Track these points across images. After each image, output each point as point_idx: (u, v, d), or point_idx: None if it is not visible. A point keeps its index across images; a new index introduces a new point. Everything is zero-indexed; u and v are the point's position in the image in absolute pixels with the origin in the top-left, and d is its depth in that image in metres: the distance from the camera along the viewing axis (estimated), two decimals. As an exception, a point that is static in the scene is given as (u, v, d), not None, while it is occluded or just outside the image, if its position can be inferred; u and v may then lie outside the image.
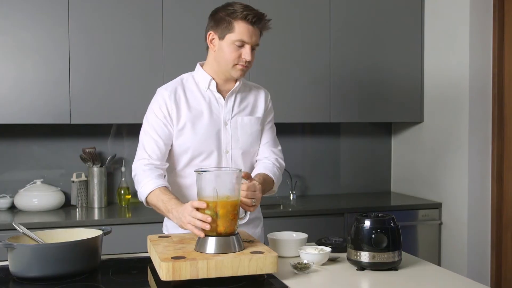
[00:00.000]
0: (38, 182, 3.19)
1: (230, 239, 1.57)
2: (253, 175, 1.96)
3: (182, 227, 1.69)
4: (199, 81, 2.03)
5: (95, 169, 3.25)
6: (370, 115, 3.59)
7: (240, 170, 1.65)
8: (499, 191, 3.24)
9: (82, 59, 3.08)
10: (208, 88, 2.01)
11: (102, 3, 3.09)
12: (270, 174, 2.01)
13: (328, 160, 3.86)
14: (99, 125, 3.41)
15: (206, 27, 2.02)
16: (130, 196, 3.35)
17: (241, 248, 1.58)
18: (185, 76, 2.07)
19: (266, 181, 1.97)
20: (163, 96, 1.99)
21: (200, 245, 1.57)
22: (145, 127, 2.01)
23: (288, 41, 3.38)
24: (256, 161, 2.12)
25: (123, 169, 3.38)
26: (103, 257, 1.78)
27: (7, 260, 1.64)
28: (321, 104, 3.45)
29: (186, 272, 1.42)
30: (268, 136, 2.13)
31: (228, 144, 2.02)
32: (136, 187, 1.96)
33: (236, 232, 1.61)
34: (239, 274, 1.46)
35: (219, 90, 2.02)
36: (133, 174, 1.99)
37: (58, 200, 3.18)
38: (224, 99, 2.02)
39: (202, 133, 1.98)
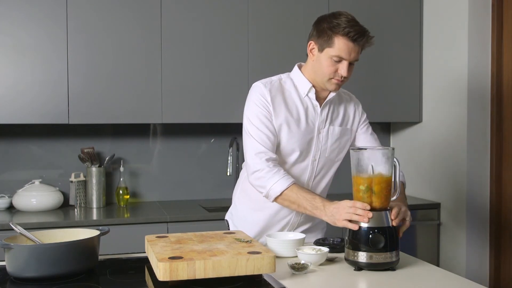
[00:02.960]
0: (37, 182, 3.19)
1: (383, 214, 1.71)
2: None
3: (334, 223, 1.79)
4: (298, 85, 2.02)
5: (94, 169, 3.25)
6: (369, 115, 3.53)
7: (393, 149, 1.73)
8: (497, 191, 3.24)
9: (81, 59, 3.08)
10: (307, 94, 2.01)
11: (100, 3, 3.09)
12: (402, 179, 2.08)
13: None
14: (98, 125, 3.41)
15: (309, 34, 2.01)
16: (128, 196, 3.35)
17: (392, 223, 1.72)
18: (283, 77, 2.06)
19: (403, 192, 2.02)
20: (261, 89, 1.98)
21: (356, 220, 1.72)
22: (252, 120, 1.97)
23: (287, 41, 3.37)
24: None
25: (121, 169, 3.38)
26: (100, 257, 1.78)
27: (4, 260, 1.64)
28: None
29: (183, 272, 1.42)
30: (373, 141, 2.18)
31: (317, 152, 2.05)
32: (258, 183, 1.93)
33: (388, 208, 1.74)
34: (236, 274, 1.46)
35: (316, 98, 2.03)
36: (253, 169, 1.94)
37: (57, 200, 3.18)
38: (320, 107, 2.03)
39: (297, 137, 1.99)
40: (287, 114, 1.98)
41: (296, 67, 2.07)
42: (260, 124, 1.95)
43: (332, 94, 2.02)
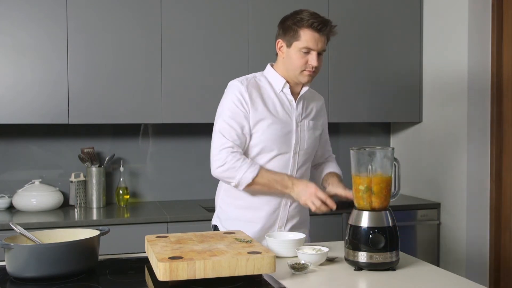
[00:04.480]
0: (37, 182, 3.19)
1: (383, 214, 1.71)
2: (326, 170, 2.28)
3: (298, 200, 2.00)
4: (272, 81, 2.09)
5: (94, 169, 3.25)
6: (369, 115, 3.59)
7: (393, 149, 1.76)
8: (497, 191, 3.24)
9: (81, 59, 3.08)
10: (282, 90, 2.07)
11: (100, 3, 3.09)
12: (339, 172, 2.30)
13: (327, 160, 3.85)
14: (98, 125, 3.41)
15: (276, 34, 2.10)
16: (128, 196, 3.35)
17: (394, 223, 1.72)
18: (257, 75, 2.12)
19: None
20: (238, 88, 2.03)
21: (356, 219, 1.73)
22: (224, 116, 2.03)
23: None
24: (323, 160, 2.35)
25: (121, 169, 3.38)
26: (100, 257, 1.78)
27: (4, 260, 1.64)
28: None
29: (183, 272, 1.42)
30: (327, 135, 2.33)
31: (297, 145, 2.10)
32: (227, 174, 2.01)
33: (389, 207, 1.75)
34: (236, 274, 1.46)
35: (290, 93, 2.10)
36: (220, 163, 2.01)
37: (57, 200, 3.18)
38: (295, 101, 2.09)
39: (276, 132, 2.05)
40: (264, 109, 2.04)
41: (268, 66, 2.14)
42: (233, 121, 2.01)
43: (305, 89, 2.09)
